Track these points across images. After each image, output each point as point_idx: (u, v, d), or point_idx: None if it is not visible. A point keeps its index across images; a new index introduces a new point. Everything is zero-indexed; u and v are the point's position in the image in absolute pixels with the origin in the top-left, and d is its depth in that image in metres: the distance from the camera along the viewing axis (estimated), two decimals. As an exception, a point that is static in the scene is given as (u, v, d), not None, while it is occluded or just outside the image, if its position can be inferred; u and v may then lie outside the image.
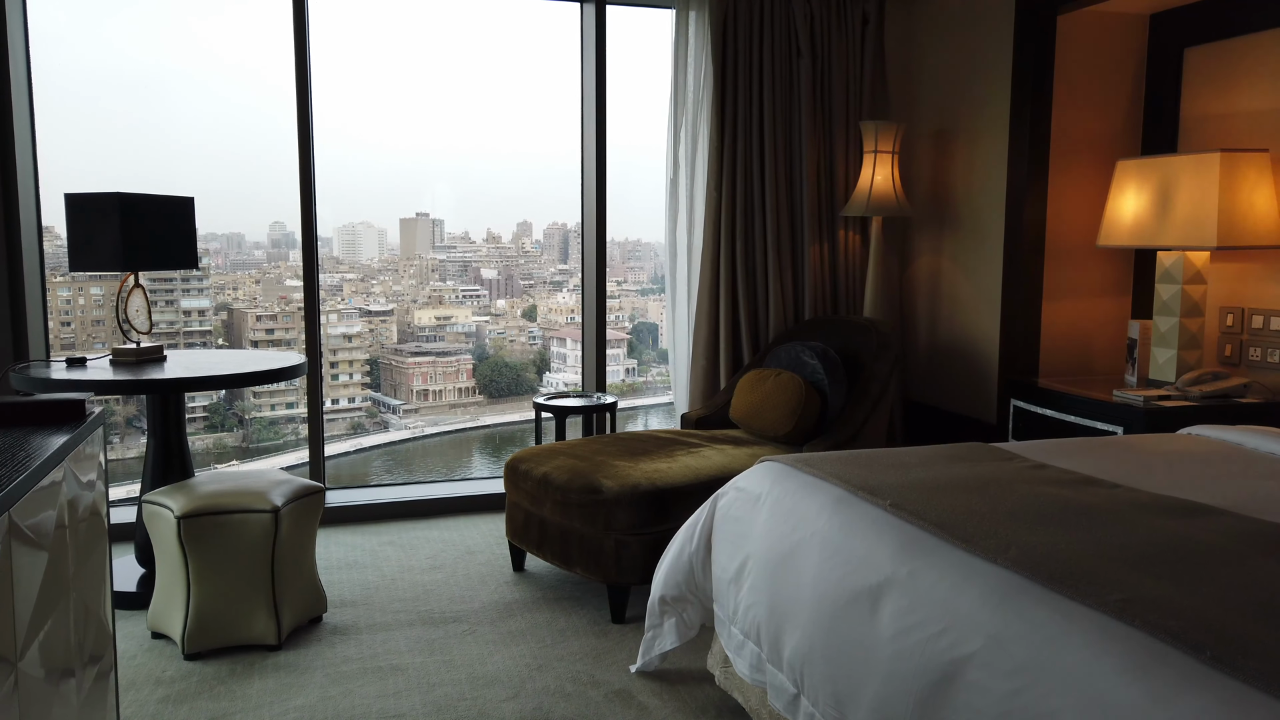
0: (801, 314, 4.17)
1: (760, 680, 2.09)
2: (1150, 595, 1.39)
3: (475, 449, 5.72)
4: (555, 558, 3.05)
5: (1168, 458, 2.34)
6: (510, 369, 5.68)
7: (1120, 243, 3.26)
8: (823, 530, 1.96)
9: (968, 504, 1.87)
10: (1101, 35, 3.57)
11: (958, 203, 4.00)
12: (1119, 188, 3.27)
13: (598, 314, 4.21)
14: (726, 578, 2.27)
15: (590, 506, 2.89)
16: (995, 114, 3.73)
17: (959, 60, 3.95)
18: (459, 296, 5.65)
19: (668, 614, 2.49)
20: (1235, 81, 3.24)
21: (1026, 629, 1.42)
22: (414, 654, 2.68)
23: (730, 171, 4.02)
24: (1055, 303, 3.66)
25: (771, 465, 2.31)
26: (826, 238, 4.18)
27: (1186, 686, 1.19)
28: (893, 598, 1.68)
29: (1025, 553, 1.58)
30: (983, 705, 1.41)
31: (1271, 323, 3.13)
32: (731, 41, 3.98)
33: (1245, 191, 2.97)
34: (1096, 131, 3.61)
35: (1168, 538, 1.64)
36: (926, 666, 1.54)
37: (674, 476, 2.99)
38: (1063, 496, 1.91)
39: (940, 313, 4.14)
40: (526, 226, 5.79)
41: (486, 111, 4.96)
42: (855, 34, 4.10)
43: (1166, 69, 3.50)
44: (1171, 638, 1.26)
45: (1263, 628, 1.27)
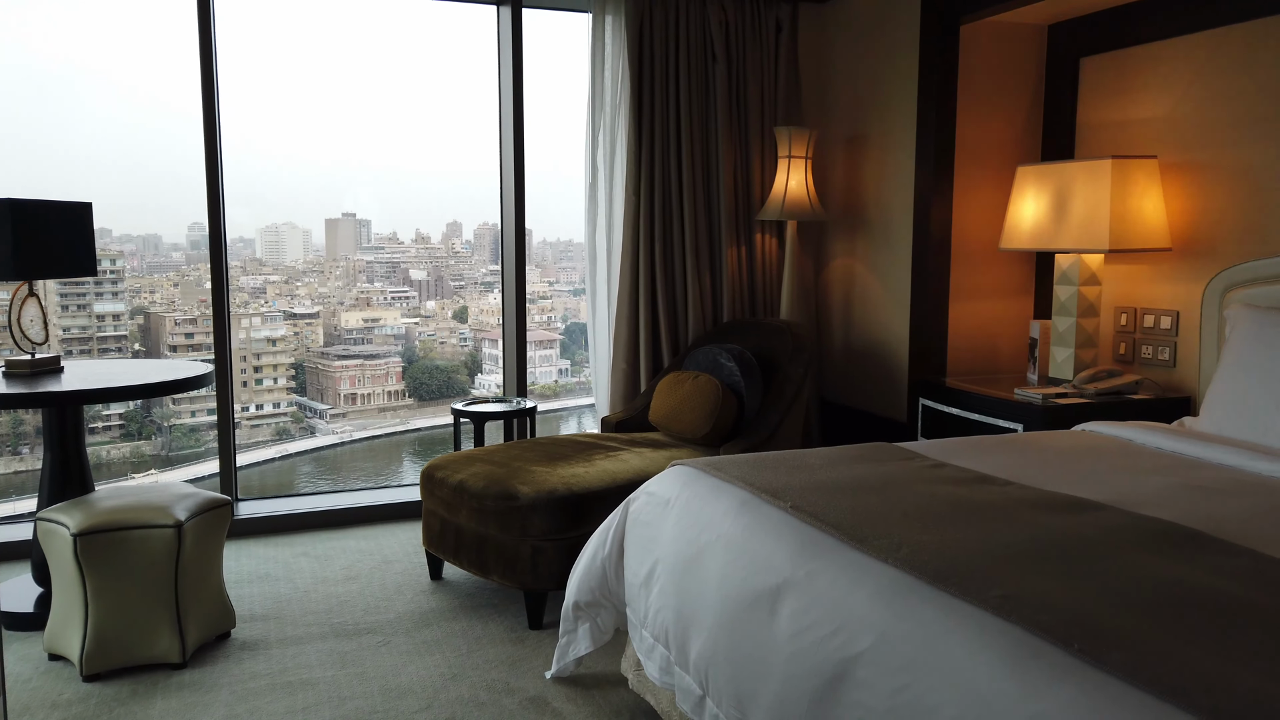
0: (720, 316, 4.22)
1: (669, 683, 2.11)
2: (1028, 591, 1.44)
3: (406, 453, 5.64)
4: (472, 565, 3.03)
5: (1061, 454, 2.43)
6: (441, 371, 5.62)
7: (1021, 246, 3.37)
8: (727, 533, 1.98)
9: (865, 504, 1.91)
10: (1003, 45, 3.69)
11: (869, 207, 4.09)
12: (1019, 193, 3.39)
13: (518, 318, 4.20)
14: (637, 582, 2.28)
15: (506, 513, 2.88)
16: (903, 120, 3.83)
17: (869, 67, 4.04)
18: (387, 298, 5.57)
19: (582, 619, 2.49)
20: (1128, 90, 3.38)
21: (913, 627, 1.46)
22: (325, 668, 2.63)
23: (648, 175, 4.04)
24: (962, 304, 3.76)
25: (681, 469, 2.33)
26: (744, 241, 4.24)
27: (1057, 679, 1.24)
28: (791, 599, 1.71)
29: (915, 552, 1.63)
30: (871, 703, 1.45)
31: (1161, 322, 3.27)
32: (648, 46, 4.00)
33: (1136, 197, 3.10)
34: (999, 138, 3.73)
35: (1051, 534, 1.71)
36: (820, 666, 1.57)
37: (591, 481, 2.99)
38: (956, 495, 1.97)
39: (854, 315, 4.23)
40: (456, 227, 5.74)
41: (412, 112, 4.91)
42: (769, 40, 4.16)
43: (1064, 78, 3.63)
44: (1045, 632, 1.32)
45: (1130, 620, 1.33)
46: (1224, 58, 3.03)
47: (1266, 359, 2.57)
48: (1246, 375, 2.62)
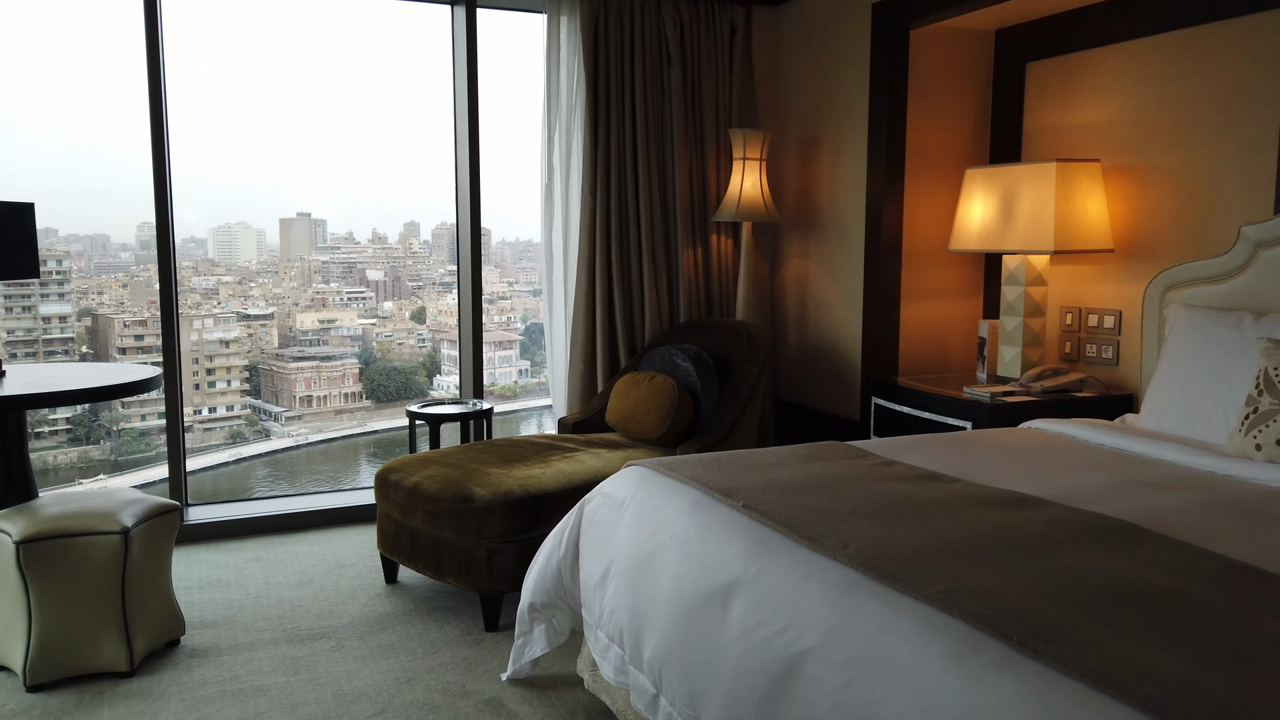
0: (676, 317, 4.24)
1: (624, 682, 2.12)
2: (971, 585, 1.48)
3: (363, 456, 5.59)
4: (427, 568, 3.01)
5: (1007, 451, 2.48)
6: (399, 373, 5.57)
7: (969, 247, 3.43)
8: (681, 533, 2.00)
9: (815, 502, 1.94)
10: (952, 49, 3.75)
11: (822, 208, 4.14)
12: (968, 195, 3.45)
13: (474, 319, 4.18)
14: (592, 582, 2.29)
15: (461, 516, 2.87)
16: (855, 123, 3.88)
17: (821, 71, 4.09)
18: (344, 299, 5.50)
19: (537, 621, 2.49)
20: (1072, 95, 3.46)
21: (860, 622, 1.49)
22: (277, 674, 2.60)
23: (604, 176, 4.05)
24: (913, 304, 3.82)
25: (635, 470, 2.34)
26: (700, 242, 4.26)
27: (997, 670, 1.27)
28: (742, 597, 1.73)
29: (862, 549, 1.66)
30: (818, 698, 1.48)
31: (1105, 321, 3.35)
32: (603, 48, 4.01)
33: (1079, 199, 3.17)
34: (949, 141, 3.80)
35: (994, 529, 1.75)
36: (770, 663, 1.59)
37: (547, 482, 2.99)
38: (904, 492, 2.01)
39: (808, 315, 4.28)
40: (414, 227, 5.69)
41: (368, 111, 4.85)
42: (724, 43, 4.19)
43: (1011, 82, 3.70)
44: (986, 625, 1.35)
45: (1068, 613, 1.37)
46: (1162, 64, 3.11)
47: (1203, 357, 2.65)
48: (1185, 373, 2.69)
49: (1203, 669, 1.19)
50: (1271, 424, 2.24)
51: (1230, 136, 2.91)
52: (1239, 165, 2.88)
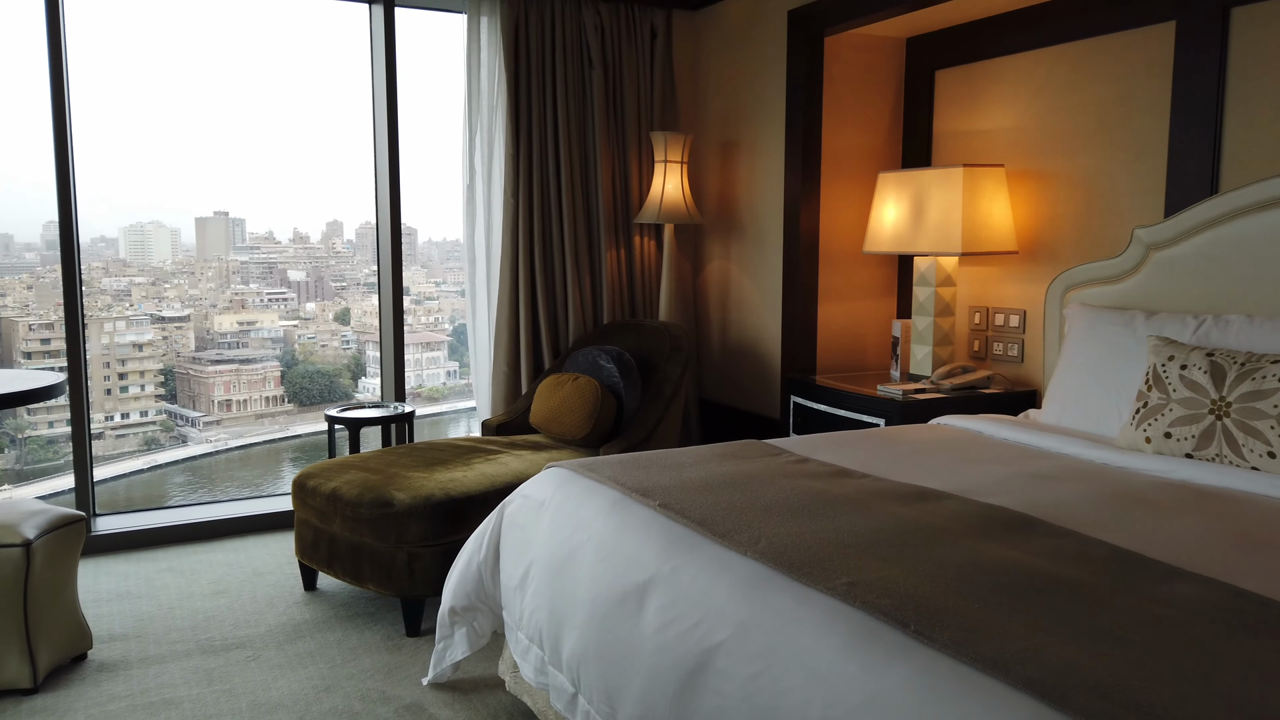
0: (600, 318, 4.26)
1: (544, 683, 2.13)
2: (873, 577, 1.53)
3: (286, 461, 5.47)
4: (347, 574, 2.97)
5: (915, 447, 2.57)
6: (323, 375, 5.46)
7: (882, 249, 3.53)
8: (599, 533, 2.02)
9: (730, 500, 1.98)
10: (865, 56, 3.85)
11: (743, 211, 4.21)
12: (880, 198, 3.55)
13: (395, 320, 4.14)
14: (513, 584, 2.30)
15: (381, 520, 2.85)
16: (773, 127, 3.96)
17: (740, 75, 4.16)
18: (264, 300, 5.37)
19: (458, 624, 2.49)
20: (978, 102, 3.58)
21: (768, 616, 1.53)
22: (190, 686, 2.54)
23: (527, 178, 4.05)
24: (830, 305, 3.92)
25: (555, 471, 2.36)
26: (623, 244, 4.29)
27: (894, 658, 1.33)
28: (657, 594, 1.76)
29: (773, 544, 1.70)
30: (729, 690, 1.51)
31: (1011, 320, 3.49)
32: (524, 50, 4.01)
33: (985, 202, 3.29)
34: (863, 145, 3.90)
35: (898, 523, 1.81)
36: (683, 658, 1.63)
37: (469, 485, 2.98)
38: (815, 489, 2.06)
39: (730, 316, 4.34)
40: (337, 226, 5.59)
41: (288, 108, 4.74)
42: (645, 46, 4.23)
43: (921, 89, 3.82)
44: (884, 615, 1.40)
45: (961, 601, 1.43)
46: (1062, 73, 3.25)
47: (1099, 355, 2.78)
48: (1082, 370, 2.82)
49: (1084, 651, 1.26)
50: (1160, 417, 2.36)
51: (1124, 143, 3.05)
52: (1132, 171, 3.03)
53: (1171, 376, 2.36)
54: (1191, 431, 2.28)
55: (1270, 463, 2.13)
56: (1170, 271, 2.80)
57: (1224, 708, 1.11)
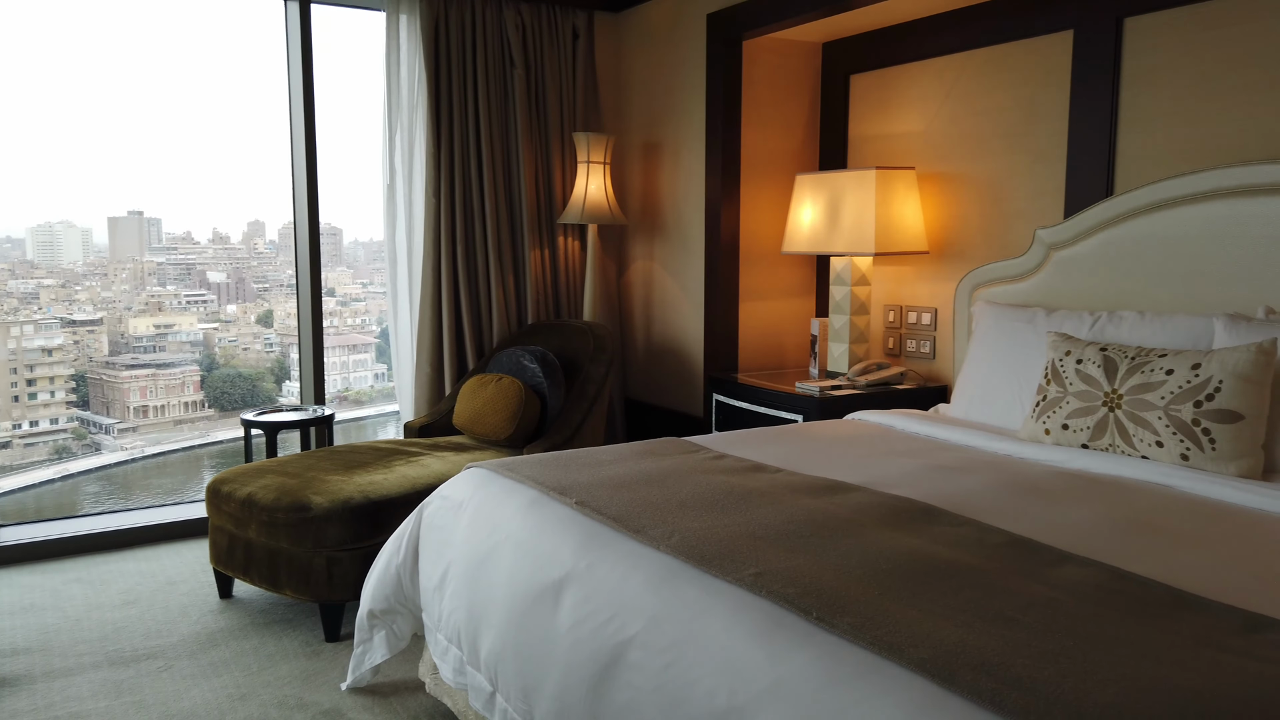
0: (524, 319, 4.26)
1: (463, 683, 2.13)
2: (779, 567, 1.57)
3: (207, 468, 5.33)
4: (263, 581, 2.92)
5: (829, 442, 2.63)
6: (245, 379, 5.33)
7: (800, 249, 3.60)
8: (516, 532, 2.03)
9: (646, 496, 2.01)
10: (783, 60, 3.93)
11: (665, 211, 4.25)
12: (798, 200, 3.62)
13: (314, 322, 4.07)
14: (431, 586, 2.29)
15: (298, 525, 2.80)
16: (694, 129, 4.01)
17: (661, 77, 4.20)
18: (182, 302, 5.22)
19: (377, 627, 2.47)
20: (891, 106, 3.69)
21: (679, 607, 1.56)
22: (98, 699, 2.47)
23: (448, 178, 4.02)
24: (751, 304, 3.98)
25: (474, 471, 2.36)
26: (547, 244, 4.30)
27: (797, 644, 1.37)
28: (572, 591, 1.78)
29: (685, 538, 1.73)
30: (641, 682, 1.54)
31: (923, 318, 3.59)
32: (444, 49, 3.98)
33: (897, 204, 3.39)
34: (781, 147, 3.97)
35: (807, 514, 1.86)
36: (597, 652, 1.65)
37: (389, 488, 2.96)
38: (730, 483, 2.11)
39: (654, 315, 4.38)
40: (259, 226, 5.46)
41: (206, 106, 4.62)
42: (567, 47, 4.24)
43: (837, 93, 3.91)
44: (788, 603, 1.44)
45: (862, 589, 1.48)
46: (968, 79, 3.36)
47: (1003, 351, 2.89)
48: (988, 365, 2.92)
49: (974, 632, 1.32)
50: (1058, 410, 2.47)
51: (1026, 147, 3.18)
52: (1034, 174, 3.15)
53: (1068, 371, 2.46)
54: (1087, 423, 2.39)
55: (1158, 451, 2.24)
56: (1069, 270, 2.92)
57: (1099, 681, 1.18)
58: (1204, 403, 2.17)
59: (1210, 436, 2.16)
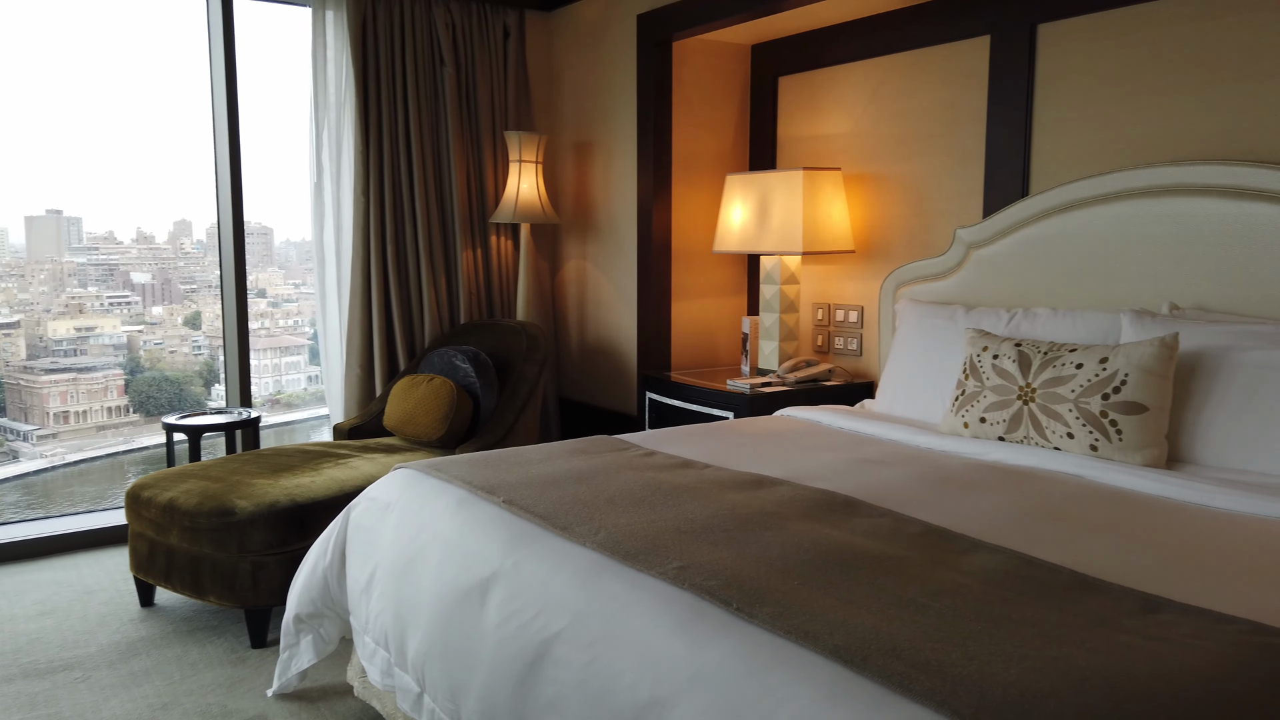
0: (457, 318, 4.23)
1: (391, 685, 2.12)
2: (703, 561, 1.60)
3: (132, 474, 5.18)
4: (186, 588, 2.85)
5: (758, 438, 2.67)
6: (171, 383, 5.20)
7: (731, 249, 3.65)
8: (444, 532, 2.02)
9: (574, 494, 2.02)
10: (712, 61, 3.97)
11: (598, 211, 4.26)
12: (728, 200, 3.67)
13: (239, 323, 3.99)
14: (359, 588, 2.27)
15: (222, 530, 2.75)
16: (625, 129, 4.03)
17: (592, 77, 4.21)
18: (104, 304, 5.07)
19: (304, 631, 2.44)
20: (818, 108, 3.75)
21: (604, 602, 1.58)
22: (12, 712, 2.39)
23: (377, 176, 3.98)
24: (683, 303, 4.02)
25: (402, 472, 2.34)
26: (479, 243, 4.28)
27: (717, 635, 1.39)
28: (499, 589, 1.78)
29: (611, 534, 1.75)
30: (566, 677, 1.55)
31: (850, 316, 3.67)
32: (372, 46, 3.94)
33: (824, 204, 3.45)
34: (712, 148, 4.02)
35: (732, 509, 1.89)
36: (523, 650, 1.65)
37: (317, 491, 2.92)
38: (658, 480, 2.13)
39: (588, 314, 4.39)
40: (185, 225, 5.32)
41: (129, 103, 4.48)
42: (498, 46, 4.22)
43: (766, 94, 3.97)
44: (710, 595, 1.47)
45: (781, 579, 1.52)
46: (892, 82, 3.44)
47: (925, 347, 2.96)
48: (911, 362, 3.00)
49: (886, 619, 1.36)
50: (975, 404, 2.54)
51: (948, 149, 3.26)
52: (955, 175, 3.24)
53: (985, 366, 2.54)
54: (1003, 416, 2.46)
55: (1069, 442, 2.33)
56: (988, 268, 3.01)
57: (1002, 662, 1.22)
58: (1111, 395, 2.27)
59: (1117, 427, 2.25)
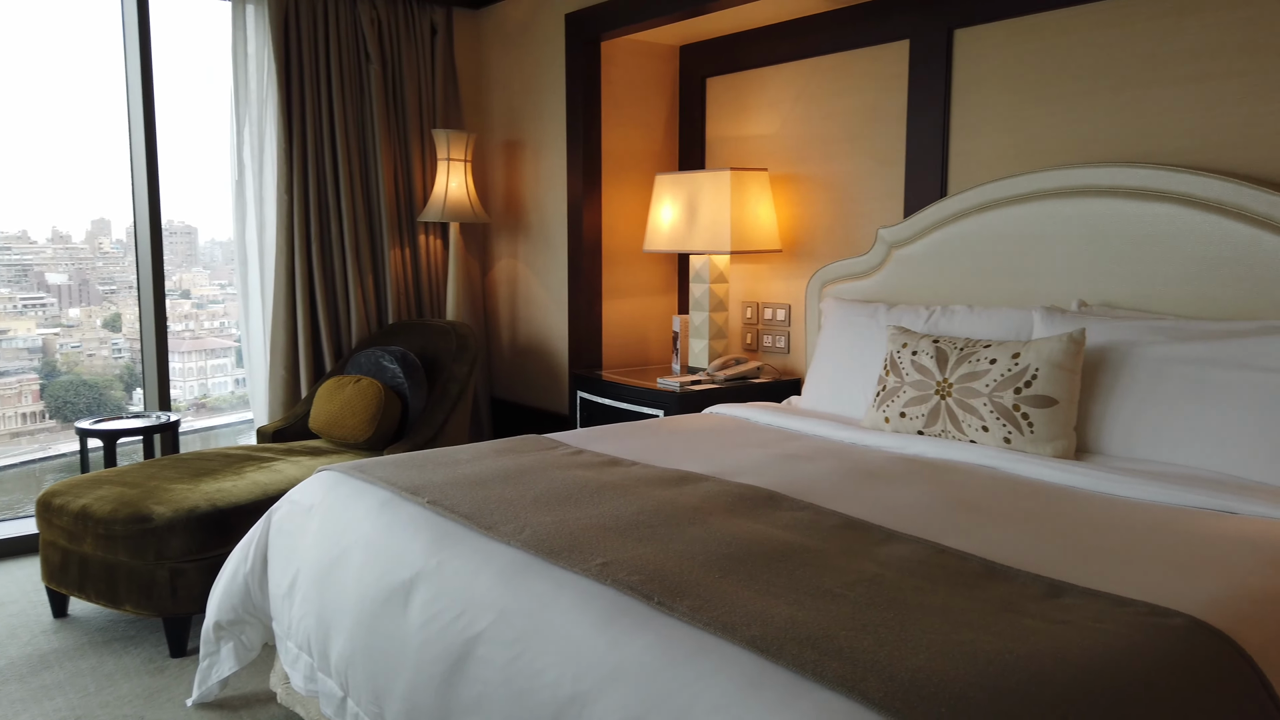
0: (385, 319, 4.17)
1: (314, 690, 2.08)
2: (625, 557, 1.61)
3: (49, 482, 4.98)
4: (101, 597, 2.77)
5: (686, 435, 2.70)
6: (90, 388, 5.02)
7: (661, 248, 3.67)
8: (367, 534, 2.00)
9: (500, 493, 2.01)
10: (641, 62, 3.99)
11: (528, 210, 4.25)
12: (658, 199, 3.69)
13: (157, 325, 3.88)
14: (280, 593, 2.23)
15: (138, 537, 2.67)
16: (555, 128, 4.02)
17: (521, 76, 4.19)
18: (17, 306, 4.87)
19: (225, 639, 2.38)
20: (745, 109, 3.80)
21: (527, 600, 1.58)
22: (-90, 732, 2.29)
23: (301, 174, 3.91)
24: (614, 302, 4.03)
25: (325, 474, 2.30)
26: (407, 242, 4.23)
27: (638, 630, 1.41)
28: (422, 590, 1.77)
29: (536, 532, 1.75)
30: (490, 676, 1.55)
31: (778, 314, 3.72)
32: (295, 41, 3.86)
33: (751, 204, 3.50)
34: (641, 148, 4.04)
35: (657, 505, 1.91)
36: (447, 650, 1.64)
37: (239, 495, 2.85)
38: (585, 478, 2.13)
39: (519, 314, 4.37)
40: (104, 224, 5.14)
41: (42, 98, 4.30)
42: (425, 43, 4.18)
43: (694, 95, 4.00)
44: (631, 590, 1.48)
45: (702, 573, 1.54)
46: (817, 84, 3.50)
47: (848, 344, 3.02)
48: (835, 359, 3.06)
49: (803, 609, 1.39)
50: (896, 399, 2.61)
51: (870, 150, 3.33)
52: (877, 176, 3.32)
53: (905, 362, 2.61)
54: (921, 410, 2.53)
55: (984, 435, 2.40)
56: (908, 267, 3.09)
57: (911, 648, 1.26)
58: (1023, 389, 2.34)
59: (1029, 420, 2.33)
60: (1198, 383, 2.22)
